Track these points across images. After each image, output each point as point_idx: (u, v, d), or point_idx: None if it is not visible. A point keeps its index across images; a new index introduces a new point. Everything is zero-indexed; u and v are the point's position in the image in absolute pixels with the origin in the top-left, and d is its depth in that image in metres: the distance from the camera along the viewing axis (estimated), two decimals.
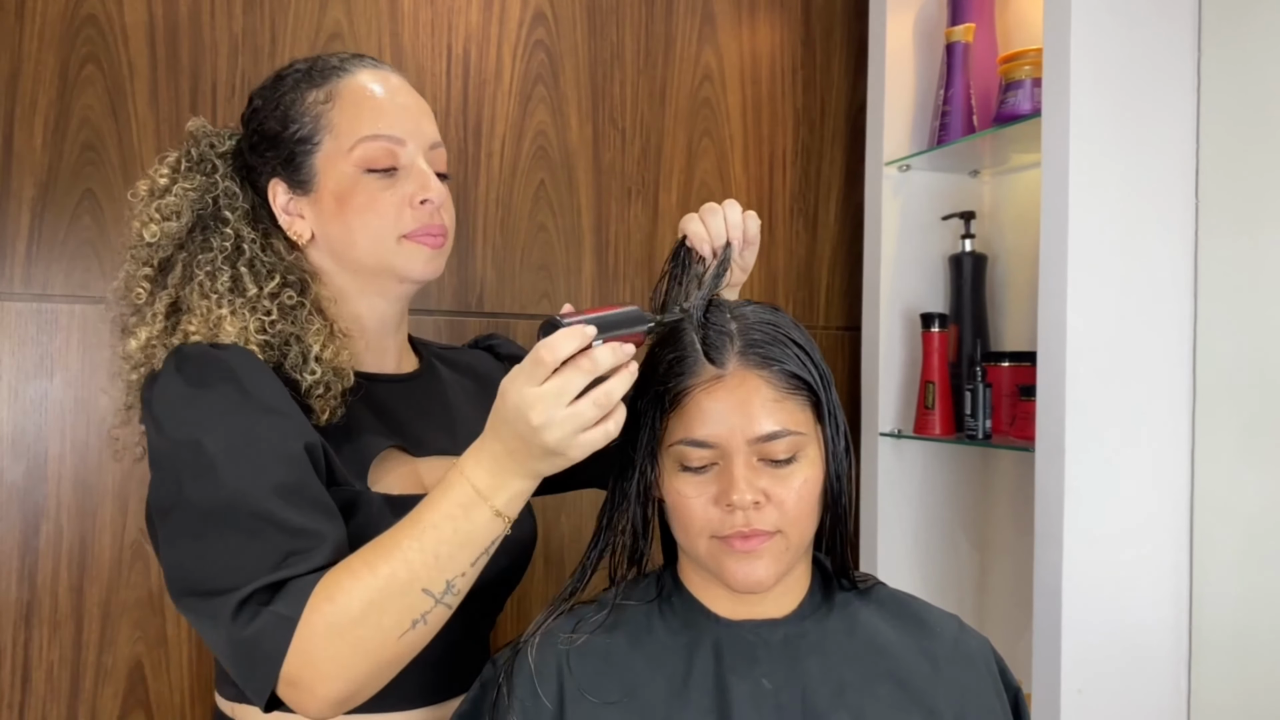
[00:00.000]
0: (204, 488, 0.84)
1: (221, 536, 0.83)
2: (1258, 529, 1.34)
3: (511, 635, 0.99)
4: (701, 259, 0.95)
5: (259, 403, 0.89)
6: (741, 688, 0.83)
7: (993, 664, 0.91)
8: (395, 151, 0.99)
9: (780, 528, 0.82)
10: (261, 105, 1.02)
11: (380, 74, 1.02)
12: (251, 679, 0.81)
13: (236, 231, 0.99)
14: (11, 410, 1.43)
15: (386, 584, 0.80)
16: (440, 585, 0.82)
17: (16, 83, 1.43)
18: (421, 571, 0.81)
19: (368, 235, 0.98)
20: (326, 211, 0.99)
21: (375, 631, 0.80)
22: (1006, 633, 1.73)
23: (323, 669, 0.79)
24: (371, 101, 0.99)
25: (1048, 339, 1.36)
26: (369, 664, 0.81)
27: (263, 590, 0.81)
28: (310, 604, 0.80)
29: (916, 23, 1.78)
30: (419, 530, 0.82)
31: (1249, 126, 1.36)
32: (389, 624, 0.80)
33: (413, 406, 1.07)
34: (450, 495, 0.82)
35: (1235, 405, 1.37)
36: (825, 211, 1.90)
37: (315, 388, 0.95)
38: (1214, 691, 1.39)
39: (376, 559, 0.81)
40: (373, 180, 0.98)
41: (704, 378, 0.83)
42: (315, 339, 0.96)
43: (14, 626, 1.42)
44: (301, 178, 1.00)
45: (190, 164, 1.02)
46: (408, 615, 0.81)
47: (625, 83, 1.76)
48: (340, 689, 0.80)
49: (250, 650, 0.80)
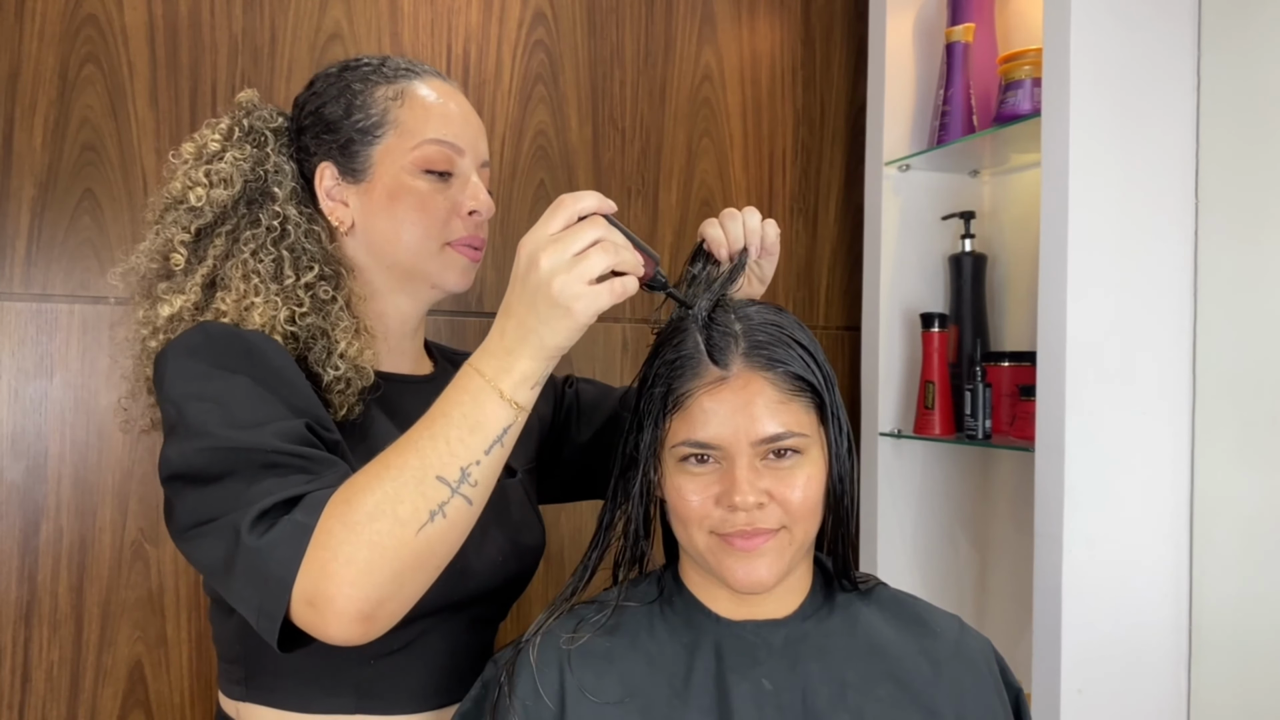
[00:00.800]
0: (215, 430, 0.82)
1: (234, 470, 0.81)
2: (1257, 529, 1.34)
3: (513, 635, 0.99)
4: (718, 263, 0.95)
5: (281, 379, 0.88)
6: (742, 688, 0.83)
7: (994, 664, 0.91)
8: (454, 159, 1.00)
9: (784, 524, 0.82)
10: (324, 90, 1.02)
11: (449, 88, 1.04)
12: (265, 597, 0.77)
13: (284, 212, 0.98)
14: (11, 410, 1.43)
15: (399, 474, 0.78)
16: (455, 473, 0.79)
17: (16, 83, 1.43)
18: (433, 459, 0.78)
19: (415, 234, 0.99)
20: (376, 204, 0.99)
21: (392, 524, 0.76)
22: (1006, 633, 1.74)
23: (340, 575, 0.75)
24: (440, 108, 1.01)
25: (1048, 339, 1.36)
26: (389, 565, 0.76)
27: (280, 504, 0.79)
28: (326, 510, 0.77)
29: (916, 23, 1.78)
30: (430, 420, 0.80)
31: (1249, 127, 1.36)
32: (405, 514, 0.77)
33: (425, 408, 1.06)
34: (459, 383, 0.81)
35: (1235, 405, 1.37)
36: (825, 211, 1.90)
37: (336, 383, 0.95)
38: (1214, 691, 1.39)
39: (390, 455, 0.79)
40: (428, 182, 0.99)
41: (708, 378, 0.83)
42: (343, 336, 0.96)
43: (14, 626, 1.41)
44: (355, 166, 1.00)
45: (243, 133, 1.01)
46: (424, 505, 0.77)
47: (625, 83, 1.76)
48: (361, 598, 0.75)
49: (264, 560, 0.77)
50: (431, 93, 1.02)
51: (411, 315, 1.05)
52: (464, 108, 1.04)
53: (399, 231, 0.99)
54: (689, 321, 0.87)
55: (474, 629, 1.04)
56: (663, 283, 0.86)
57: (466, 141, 1.02)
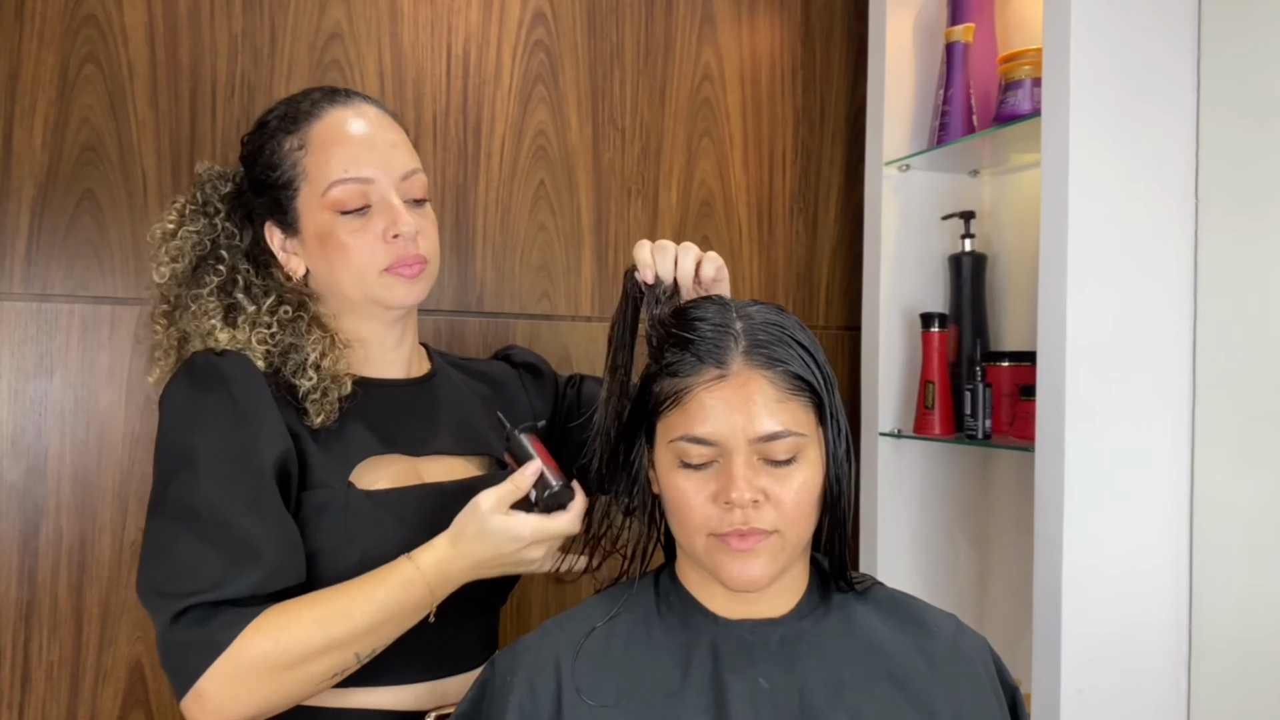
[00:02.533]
0: (182, 490, 0.94)
1: (185, 539, 0.93)
2: (1258, 529, 1.34)
3: (511, 635, 0.99)
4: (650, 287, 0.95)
5: (244, 413, 0.97)
6: (739, 687, 0.83)
7: (990, 664, 0.91)
8: (365, 191, 1.03)
9: (777, 527, 0.82)
10: (250, 152, 1.09)
11: (351, 110, 1.06)
12: (173, 679, 0.91)
13: (232, 266, 1.06)
14: (11, 410, 1.43)
15: (329, 642, 0.91)
16: (367, 651, 0.94)
17: (16, 83, 1.43)
18: (362, 637, 0.93)
19: (349, 273, 1.04)
20: (311, 251, 1.06)
21: (304, 678, 0.91)
22: (1006, 633, 1.73)
23: (241, 695, 0.89)
24: (340, 145, 1.04)
25: (1048, 339, 1.36)
26: (282, 700, 0.92)
27: (200, 607, 0.90)
28: (246, 637, 0.89)
29: (916, 23, 1.78)
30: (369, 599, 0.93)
31: (1249, 126, 1.36)
32: (318, 673, 0.92)
33: (415, 409, 1.10)
34: (403, 576, 0.96)
35: (1235, 405, 1.37)
36: (825, 211, 1.90)
37: (312, 393, 1.01)
38: (1214, 692, 1.39)
39: (328, 615, 0.92)
40: (347, 221, 1.03)
41: (707, 376, 0.83)
42: (314, 348, 1.02)
43: (14, 626, 1.42)
44: (289, 220, 1.06)
45: (195, 208, 1.09)
46: (334, 669, 0.93)
47: (625, 83, 1.76)
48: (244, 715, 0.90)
49: (178, 657, 0.90)
50: (332, 128, 1.05)
51: (384, 332, 1.10)
52: (368, 130, 1.05)
53: (334, 272, 1.05)
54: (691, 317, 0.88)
55: (469, 611, 1.06)
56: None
57: (374, 166, 1.04)
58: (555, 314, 1.71)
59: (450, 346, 1.62)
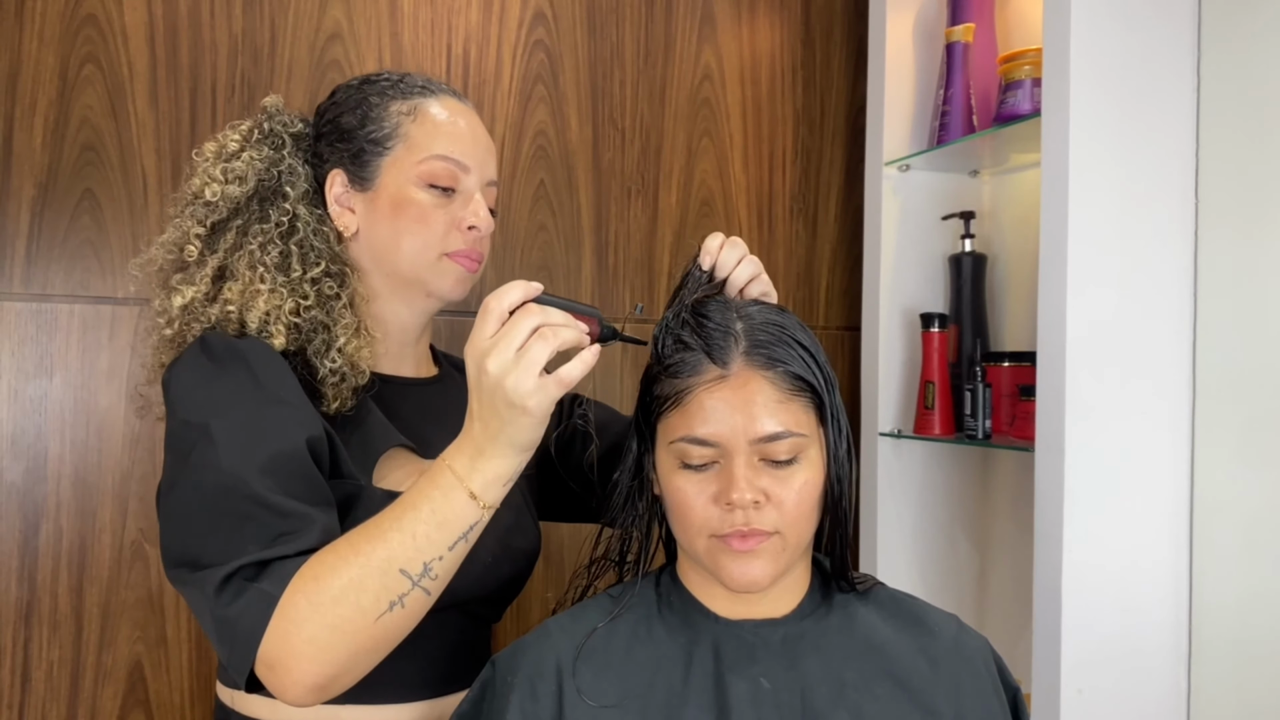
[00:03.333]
0: (206, 468, 0.86)
1: (216, 514, 0.85)
2: (1258, 529, 1.34)
3: (512, 636, 0.99)
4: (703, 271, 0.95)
5: (269, 393, 0.92)
6: (740, 687, 0.83)
7: (991, 664, 0.91)
8: (458, 175, 1.04)
9: (778, 528, 0.82)
10: (343, 100, 1.07)
11: (463, 107, 1.08)
12: (232, 655, 0.82)
13: (294, 210, 1.03)
14: (11, 410, 1.43)
15: (365, 563, 0.81)
16: (418, 567, 0.83)
17: (16, 83, 1.43)
18: (399, 552, 0.82)
19: (413, 244, 1.02)
20: (380, 212, 1.03)
21: (353, 611, 0.80)
22: (1006, 633, 1.73)
23: (301, 650, 0.79)
24: (449, 126, 1.05)
25: (1048, 339, 1.36)
26: (346, 646, 0.81)
27: (249, 567, 0.82)
28: (293, 584, 0.81)
29: (916, 23, 1.78)
30: (399, 512, 0.84)
31: (1249, 126, 1.36)
32: (367, 603, 0.81)
33: (424, 410, 1.09)
34: (430, 478, 0.85)
35: (1235, 405, 1.37)
36: (825, 211, 1.90)
37: (331, 376, 0.98)
38: (1214, 691, 1.39)
39: (359, 539, 0.83)
40: (431, 196, 1.03)
41: (707, 376, 0.83)
42: (343, 332, 1.00)
43: (14, 626, 1.42)
44: (364, 174, 1.04)
45: (262, 135, 1.06)
46: (385, 596, 0.82)
47: (625, 82, 1.76)
48: (317, 672, 0.80)
49: (232, 626, 0.81)
50: (444, 111, 1.05)
51: (410, 323, 1.08)
52: (475, 127, 1.07)
53: (399, 240, 1.03)
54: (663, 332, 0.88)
55: (469, 626, 1.05)
56: (610, 334, 0.89)
57: (473, 159, 1.05)
58: None
59: (450, 346, 1.61)
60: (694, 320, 0.87)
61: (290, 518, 0.85)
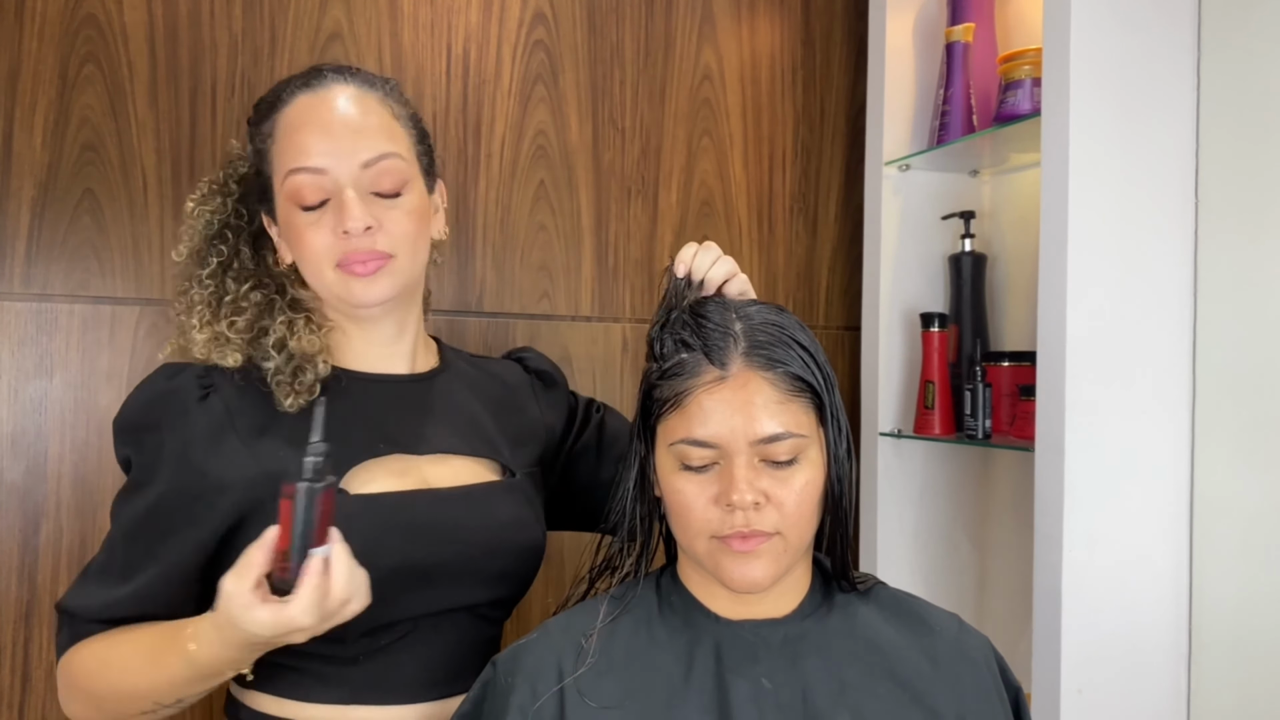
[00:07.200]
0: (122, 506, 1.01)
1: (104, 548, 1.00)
2: (1258, 529, 1.34)
3: (512, 636, 0.99)
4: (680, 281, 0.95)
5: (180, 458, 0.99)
6: (742, 687, 0.83)
7: (993, 663, 0.91)
8: (320, 183, 0.99)
9: (779, 529, 0.82)
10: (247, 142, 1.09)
11: (318, 96, 1.01)
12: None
13: (234, 248, 1.05)
14: (11, 410, 1.43)
15: (134, 689, 0.94)
16: (171, 700, 0.94)
17: (16, 83, 1.43)
18: (179, 689, 0.93)
19: (308, 269, 1.02)
20: (283, 242, 1.05)
21: (118, 709, 0.96)
22: (1006, 633, 1.73)
23: (69, 702, 0.99)
24: (300, 131, 1.00)
25: (1048, 339, 1.36)
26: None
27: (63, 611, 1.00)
28: (84, 656, 0.96)
29: (916, 23, 1.78)
30: (154, 675, 0.93)
31: (1249, 126, 1.36)
32: (130, 711, 0.95)
33: (417, 405, 1.08)
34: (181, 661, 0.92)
35: (1235, 405, 1.37)
36: (825, 211, 1.90)
37: (278, 374, 1.00)
38: (1214, 691, 1.39)
39: (146, 665, 0.93)
40: (305, 215, 1.00)
41: (707, 377, 0.83)
42: (280, 329, 1.01)
43: (14, 626, 1.42)
44: (272, 210, 1.05)
45: (216, 188, 1.08)
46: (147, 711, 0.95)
47: (625, 82, 1.76)
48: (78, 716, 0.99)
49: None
50: (297, 114, 1.01)
51: (370, 327, 1.07)
52: (331, 114, 1.00)
53: (301, 267, 1.04)
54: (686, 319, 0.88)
55: (471, 625, 1.05)
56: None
57: (331, 155, 0.98)
58: (555, 314, 1.71)
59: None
60: (693, 321, 0.87)
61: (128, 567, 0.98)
